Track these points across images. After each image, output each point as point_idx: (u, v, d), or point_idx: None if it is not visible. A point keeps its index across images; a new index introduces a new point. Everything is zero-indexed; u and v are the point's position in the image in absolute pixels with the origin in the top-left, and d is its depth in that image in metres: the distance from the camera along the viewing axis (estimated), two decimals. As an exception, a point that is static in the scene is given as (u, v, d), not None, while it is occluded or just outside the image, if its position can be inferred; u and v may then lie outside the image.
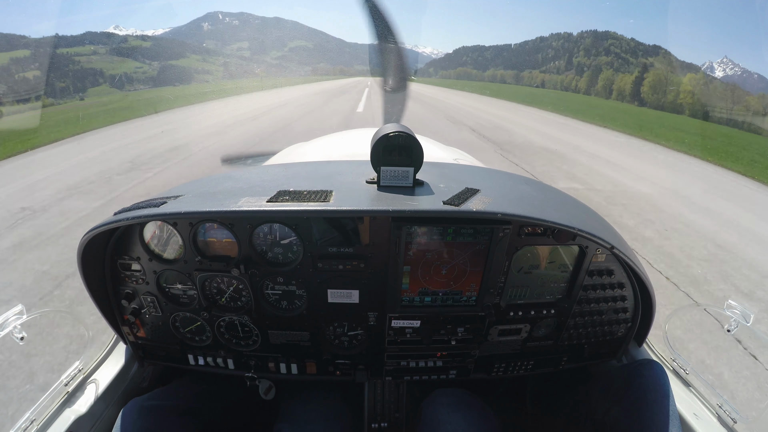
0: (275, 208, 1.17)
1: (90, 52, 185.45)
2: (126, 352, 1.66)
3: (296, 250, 1.38)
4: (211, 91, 45.02)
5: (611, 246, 1.32)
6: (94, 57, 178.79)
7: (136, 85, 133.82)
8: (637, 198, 8.52)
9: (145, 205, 1.31)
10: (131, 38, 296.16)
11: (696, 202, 8.76)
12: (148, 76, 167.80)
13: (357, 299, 1.46)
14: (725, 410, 1.37)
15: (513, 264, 1.41)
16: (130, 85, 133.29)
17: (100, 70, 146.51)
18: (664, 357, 1.66)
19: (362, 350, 1.61)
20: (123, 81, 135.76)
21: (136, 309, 1.49)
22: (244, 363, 1.64)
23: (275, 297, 1.49)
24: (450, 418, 1.42)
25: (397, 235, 1.25)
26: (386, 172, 1.32)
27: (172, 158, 10.86)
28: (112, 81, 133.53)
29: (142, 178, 8.99)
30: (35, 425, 1.27)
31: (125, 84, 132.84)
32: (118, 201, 7.31)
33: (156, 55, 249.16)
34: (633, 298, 1.57)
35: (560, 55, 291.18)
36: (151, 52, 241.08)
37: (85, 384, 1.49)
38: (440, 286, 1.39)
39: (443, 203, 1.21)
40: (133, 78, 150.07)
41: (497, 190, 1.46)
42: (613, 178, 10.11)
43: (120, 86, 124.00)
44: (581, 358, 1.69)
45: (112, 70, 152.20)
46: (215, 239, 1.38)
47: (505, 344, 1.62)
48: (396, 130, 1.26)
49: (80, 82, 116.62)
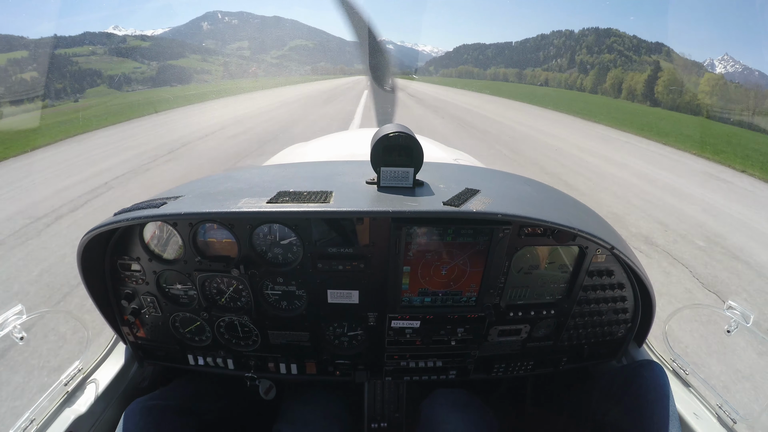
0: (275, 208, 1.17)
1: (88, 53, 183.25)
2: (126, 352, 1.66)
3: (296, 250, 1.38)
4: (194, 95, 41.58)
5: (611, 246, 1.31)
6: (93, 57, 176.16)
7: (134, 85, 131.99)
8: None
9: (145, 205, 1.31)
10: (130, 38, 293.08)
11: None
12: (146, 77, 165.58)
13: (357, 299, 1.46)
14: (725, 410, 1.37)
15: (513, 264, 1.41)
16: (128, 85, 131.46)
17: (98, 70, 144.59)
18: (664, 357, 1.66)
19: (362, 350, 1.61)
20: (121, 82, 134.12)
21: (136, 309, 1.49)
22: (244, 363, 1.64)
23: (275, 297, 1.49)
24: (449, 418, 1.42)
25: (397, 236, 1.24)
26: (386, 173, 1.32)
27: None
28: (110, 82, 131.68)
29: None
30: (35, 425, 1.27)
31: (123, 84, 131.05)
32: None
33: (155, 55, 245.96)
34: (633, 299, 1.57)
35: (562, 52, 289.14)
36: (150, 53, 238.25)
37: (85, 384, 1.49)
38: (440, 287, 1.39)
39: (443, 204, 1.21)
40: (132, 78, 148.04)
41: (497, 190, 1.46)
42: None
43: (118, 87, 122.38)
44: (581, 358, 1.69)
45: (110, 71, 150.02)
46: (215, 239, 1.38)
47: (504, 345, 1.62)
48: (396, 131, 1.26)
49: (78, 83, 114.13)
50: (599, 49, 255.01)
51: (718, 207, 8.72)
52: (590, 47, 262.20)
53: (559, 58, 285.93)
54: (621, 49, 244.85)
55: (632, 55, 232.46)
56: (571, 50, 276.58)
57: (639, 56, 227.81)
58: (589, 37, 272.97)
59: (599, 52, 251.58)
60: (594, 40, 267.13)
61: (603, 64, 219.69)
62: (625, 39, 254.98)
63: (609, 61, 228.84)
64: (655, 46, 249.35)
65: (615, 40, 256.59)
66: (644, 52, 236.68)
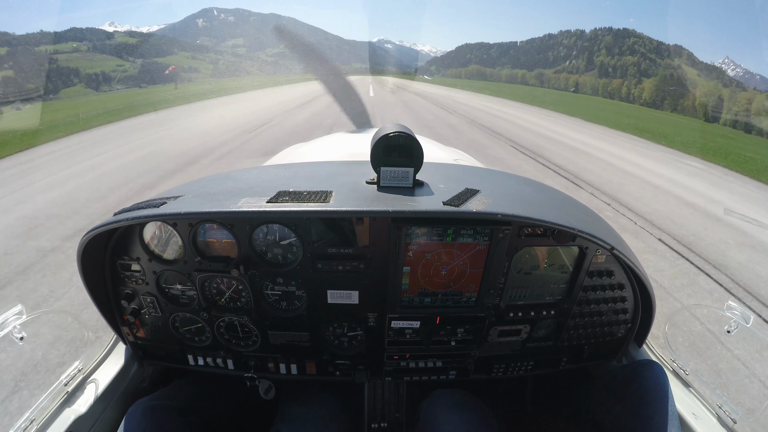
0: (275, 208, 1.17)
1: (71, 50, 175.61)
2: (126, 352, 1.66)
3: (296, 250, 1.38)
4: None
5: (611, 247, 1.31)
6: (75, 55, 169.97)
7: (113, 85, 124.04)
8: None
9: (144, 205, 1.31)
10: (118, 35, 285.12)
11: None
12: (128, 75, 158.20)
13: (357, 300, 1.46)
14: (725, 411, 1.37)
15: (513, 265, 1.41)
16: (107, 85, 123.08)
17: (76, 68, 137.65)
18: (664, 358, 1.66)
19: (362, 351, 1.61)
20: (100, 81, 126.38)
21: (136, 309, 1.49)
22: (244, 363, 1.64)
23: (275, 297, 1.49)
24: (448, 418, 1.42)
25: (396, 236, 1.24)
26: (386, 173, 1.32)
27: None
28: (87, 81, 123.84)
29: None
30: (35, 425, 1.27)
31: (102, 84, 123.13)
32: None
33: (142, 52, 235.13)
34: (633, 299, 1.57)
35: (576, 53, 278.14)
36: (137, 50, 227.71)
37: (85, 384, 1.49)
38: (440, 287, 1.39)
39: (443, 204, 1.20)
40: (111, 77, 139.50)
41: (497, 190, 1.46)
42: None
43: (96, 87, 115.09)
44: (581, 358, 1.69)
45: (90, 69, 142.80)
46: (215, 240, 1.38)
47: (504, 345, 1.62)
48: (396, 130, 1.26)
49: (52, 83, 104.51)
50: (620, 50, 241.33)
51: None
52: (609, 48, 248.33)
53: (574, 59, 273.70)
54: (644, 51, 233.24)
55: (655, 58, 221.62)
56: (587, 51, 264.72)
57: (662, 59, 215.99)
58: (606, 38, 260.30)
59: (620, 53, 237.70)
60: (612, 40, 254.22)
61: (625, 66, 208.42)
62: (645, 40, 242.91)
63: (633, 63, 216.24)
64: (674, 48, 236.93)
65: (635, 41, 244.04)
66: (666, 55, 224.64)
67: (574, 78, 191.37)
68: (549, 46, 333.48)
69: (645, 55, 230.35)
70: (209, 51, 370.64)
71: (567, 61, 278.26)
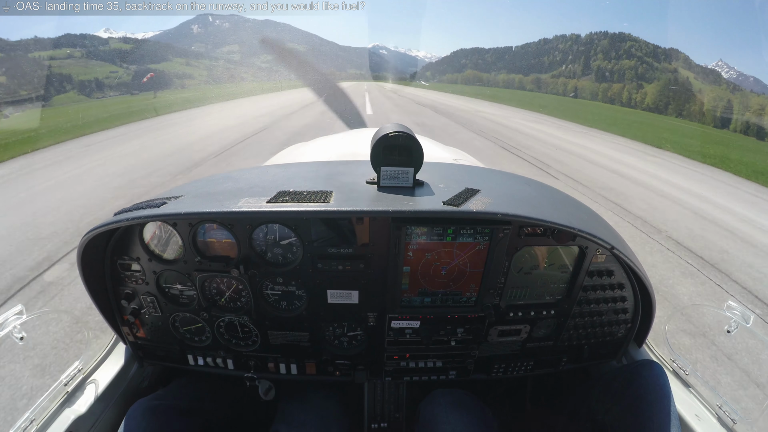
0: (275, 208, 1.17)
1: (65, 56, 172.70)
2: (126, 352, 1.66)
3: (296, 250, 1.38)
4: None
5: (611, 246, 1.31)
6: (69, 61, 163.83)
7: (106, 91, 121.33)
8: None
9: (145, 205, 1.31)
10: (113, 41, 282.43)
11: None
12: (121, 82, 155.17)
13: (357, 300, 1.46)
14: (725, 411, 1.37)
15: (513, 264, 1.41)
16: (101, 91, 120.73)
17: (69, 75, 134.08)
18: (664, 358, 1.66)
19: (362, 351, 1.61)
20: (93, 87, 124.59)
21: (136, 309, 1.49)
22: (244, 363, 1.64)
23: (275, 297, 1.49)
24: (448, 418, 1.42)
25: (396, 236, 1.25)
26: (386, 173, 1.32)
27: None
28: (81, 87, 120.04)
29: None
30: (35, 425, 1.27)
31: (95, 90, 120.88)
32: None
33: (137, 58, 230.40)
34: (633, 299, 1.57)
35: (572, 58, 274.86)
36: (131, 56, 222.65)
37: (85, 384, 1.48)
38: (440, 287, 1.39)
39: (443, 203, 1.21)
40: (104, 84, 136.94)
41: (497, 190, 1.46)
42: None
43: (89, 93, 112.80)
44: (581, 358, 1.69)
45: (84, 75, 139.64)
46: (215, 240, 1.38)
47: (504, 345, 1.62)
48: (396, 130, 1.26)
49: (45, 90, 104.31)
50: (617, 54, 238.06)
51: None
52: (606, 52, 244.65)
53: (571, 64, 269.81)
54: (640, 55, 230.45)
55: (652, 62, 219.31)
56: (583, 55, 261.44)
57: (659, 63, 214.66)
58: (603, 42, 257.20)
59: (617, 57, 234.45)
60: (608, 44, 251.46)
61: (623, 71, 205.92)
62: (641, 44, 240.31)
63: (630, 67, 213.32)
64: (671, 51, 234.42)
65: (632, 44, 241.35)
66: (663, 59, 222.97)
67: (572, 82, 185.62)
68: (545, 51, 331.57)
69: (642, 59, 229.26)
70: (204, 57, 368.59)
71: (563, 66, 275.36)
